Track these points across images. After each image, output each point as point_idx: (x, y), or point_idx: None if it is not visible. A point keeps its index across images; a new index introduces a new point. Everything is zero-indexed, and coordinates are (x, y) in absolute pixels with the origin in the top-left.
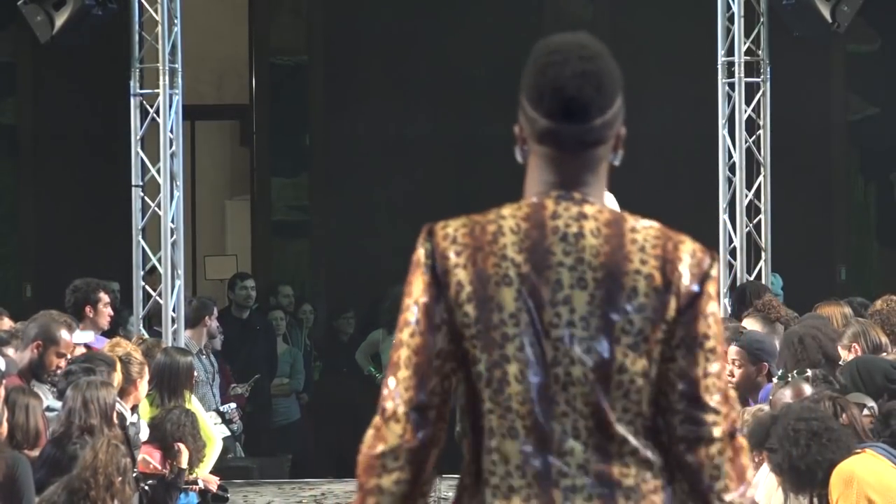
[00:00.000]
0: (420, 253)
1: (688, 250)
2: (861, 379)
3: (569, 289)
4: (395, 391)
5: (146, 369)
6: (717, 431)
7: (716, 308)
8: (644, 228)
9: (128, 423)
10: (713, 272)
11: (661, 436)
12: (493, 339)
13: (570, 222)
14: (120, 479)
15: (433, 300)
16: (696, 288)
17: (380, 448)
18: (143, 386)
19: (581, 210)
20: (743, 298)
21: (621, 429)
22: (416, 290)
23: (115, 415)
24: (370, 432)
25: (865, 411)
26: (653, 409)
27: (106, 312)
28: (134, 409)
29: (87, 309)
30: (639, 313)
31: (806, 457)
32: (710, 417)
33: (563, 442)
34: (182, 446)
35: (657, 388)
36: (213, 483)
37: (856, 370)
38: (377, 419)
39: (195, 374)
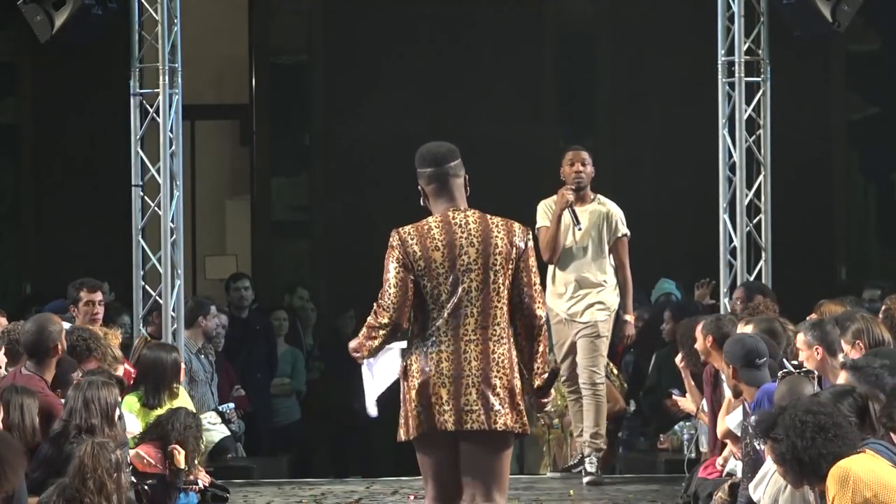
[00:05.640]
0: (393, 242)
1: (519, 227)
2: None
3: (466, 248)
4: (387, 299)
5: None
6: (542, 313)
7: (532, 255)
8: (495, 218)
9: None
10: (529, 237)
11: (514, 312)
12: (432, 275)
13: (461, 219)
14: (115, 475)
15: (401, 263)
16: (522, 245)
17: (380, 321)
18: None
19: (464, 213)
20: (750, 297)
21: (493, 312)
22: (393, 258)
23: (116, 414)
24: (373, 315)
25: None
26: (510, 302)
27: (87, 311)
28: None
29: (72, 308)
30: (500, 257)
31: (810, 449)
32: (538, 303)
33: (466, 318)
34: (179, 448)
35: (512, 291)
36: (207, 477)
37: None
38: (375, 306)
39: (188, 372)
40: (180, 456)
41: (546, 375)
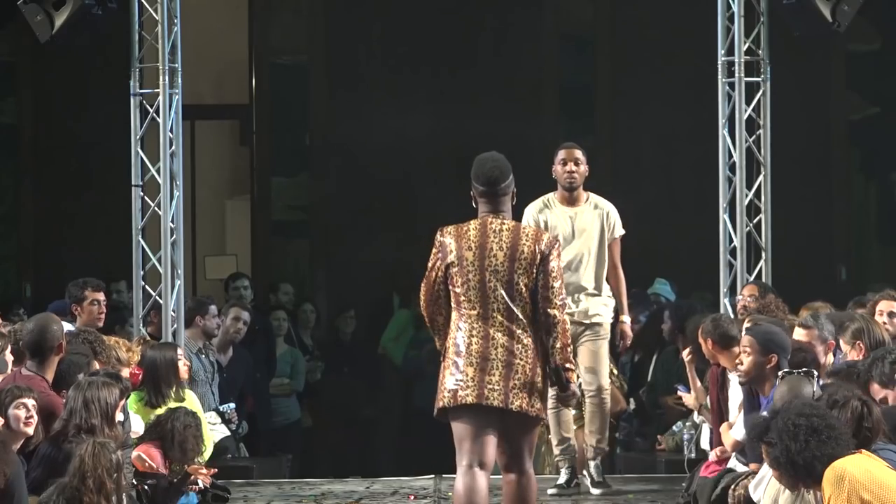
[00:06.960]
0: (437, 240)
1: (545, 236)
2: None
3: (496, 251)
4: (421, 296)
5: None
6: (556, 312)
7: (555, 261)
8: (526, 227)
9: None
10: (554, 244)
11: (535, 311)
12: (464, 272)
13: (497, 225)
14: (115, 475)
15: (438, 259)
16: (546, 251)
17: (422, 308)
18: None
19: (502, 220)
20: (763, 295)
21: (516, 310)
22: (433, 255)
23: (116, 414)
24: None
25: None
26: (531, 301)
27: (93, 311)
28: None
29: (75, 308)
30: (524, 262)
31: (804, 452)
32: (553, 304)
33: (492, 314)
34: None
35: (533, 291)
36: (207, 477)
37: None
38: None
39: (188, 371)
40: (201, 476)
41: (560, 368)
